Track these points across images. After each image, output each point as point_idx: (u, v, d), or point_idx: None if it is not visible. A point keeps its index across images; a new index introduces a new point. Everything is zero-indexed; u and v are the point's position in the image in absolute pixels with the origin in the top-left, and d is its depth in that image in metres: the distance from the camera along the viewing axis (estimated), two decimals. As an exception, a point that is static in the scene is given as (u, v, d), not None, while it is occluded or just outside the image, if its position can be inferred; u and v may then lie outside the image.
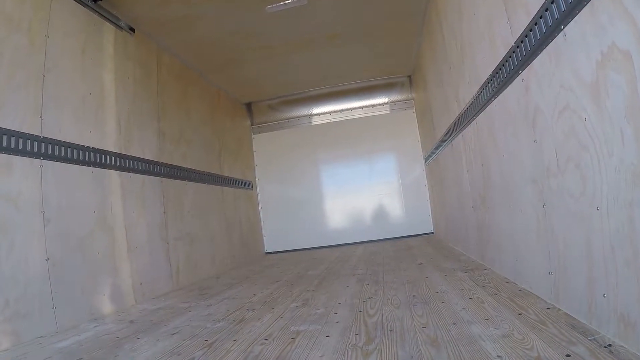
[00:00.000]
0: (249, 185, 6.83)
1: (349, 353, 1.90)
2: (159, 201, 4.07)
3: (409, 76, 7.08)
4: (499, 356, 1.65)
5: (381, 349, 1.90)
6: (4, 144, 2.47)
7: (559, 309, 2.05)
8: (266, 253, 7.11)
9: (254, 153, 7.43)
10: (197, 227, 4.79)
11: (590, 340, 1.65)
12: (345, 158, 7.35)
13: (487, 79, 2.75)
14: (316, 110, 7.45)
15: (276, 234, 7.22)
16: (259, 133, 7.49)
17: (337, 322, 2.39)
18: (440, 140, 4.93)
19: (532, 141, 2.20)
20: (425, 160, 6.62)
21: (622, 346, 1.54)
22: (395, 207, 7.26)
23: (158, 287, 3.84)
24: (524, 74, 2.20)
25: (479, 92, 2.97)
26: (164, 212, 4.12)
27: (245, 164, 6.88)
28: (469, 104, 3.30)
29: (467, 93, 3.34)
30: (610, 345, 1.57)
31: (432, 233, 6.85)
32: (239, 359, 1.97)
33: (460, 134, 3.82)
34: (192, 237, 4.64)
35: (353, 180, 7.27)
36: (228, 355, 2.03)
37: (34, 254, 2.53)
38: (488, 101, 2.83)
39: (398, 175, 7.27)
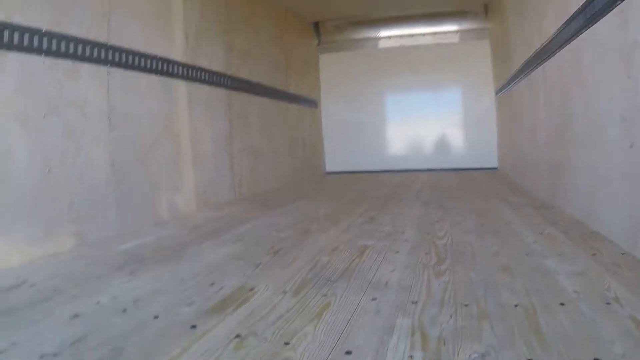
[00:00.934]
0: (313, 104, 6.72)
1: (421, 271, 1.83)
2: (225, 113, 4.02)
3: (485, 4, 6.61)
4: (575, 291, 1.55)
5: (453, 270, 1.82)
6: (71, 50, 2.40)
7: (635, 255, 1.90)
8: (326, 173, 7.09)
9: (320, 73, 7.21)
10: (261, 141, 4.78)
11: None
12: (412, 84, 7.06)
13: (578, 9, 2.48)
14: (384, 33, 7.11)
15: (337, 155, 7.16)
16: (326, 53, 7.23)
17: (406, 241, 2.32)
18: (515, 73, 4.63)
19: (626, 77, 1.98)
20: (496, 93, 6.30)
21: None
22: (459, 139, 7.03)
23: (220, 196, 3.86)
24: (623, 5, 1.96)
25: (567, 24, 2.71)
26: (230, 124, 4.08)
27: (311, 83, 6.73)
28: (554, 36, 3.03)
29: (552, 24, 3.06)
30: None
31: (496, 168, 6.62)
32: (307, 267, 1.94)
33: (541, 67, 3.56)
34: (256, 150, 4.63)
35: (418, 107, 7.02)
36: (295, 262, 2.01)
37: (100, 159, 2.53)
38: (576, 33, 2.57)
39: (465, 107, 6.98)
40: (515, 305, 1.47)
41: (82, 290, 1.66)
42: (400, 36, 7.10)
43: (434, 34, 6.99)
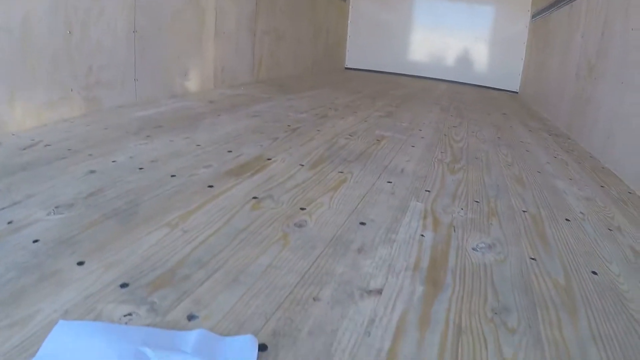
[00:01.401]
0: None
1: (436, 165, 1.87)
2: None
3: None
4: (581, 213, 1.59)
5: (467, 170, 1.86)
6: None
7: (641, 197, 1.94)
8: (346, 68, 6.97)
9: None
10: (286, 25, 4.65)
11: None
12: None
13: None
14: None
15: (359, 51, 6.99)
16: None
17: (423, 138, 2.34)
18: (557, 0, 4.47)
19: None
20: (532, 17, 6.08)
21: None
22: (484, 57, 6.86)
23: (239, 76, 3.81)
24: None
25: None
26: (256, 4, 3.95)
27: None
28: None
29: None
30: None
31: (517, 92, 6.53)
32: (324, 146, 1.96)
33: None
34: (279, 34, 4.52)
35: (449, 17, 6.73)
36: (312, 141, 2.03)
37: (123, 24, 2.42)
38: None
39: (497, 26, 6.73)
40: (524, 211, 1.51)
41: (98, 150, 1.64)
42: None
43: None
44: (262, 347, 0.71)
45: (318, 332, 0.77)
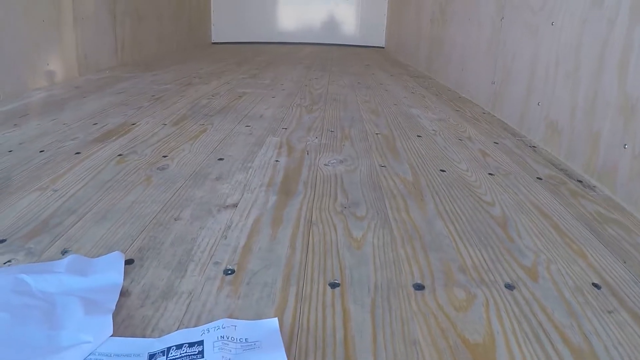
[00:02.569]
0: None
1: (294, 109, 2.01)
2: None
3: None
4: (433, 130, 1.80)
5: (324, 109, 2.02)
6: None
7: (494, 115, 2.20)
8: (213, 43, 6.92)
9: None
10: (147, 4, 4.56)
11: (517, 139, 1.81)
12: None
13: None
14: None
15: (225, 25, 6.95)
16: None
17: (284, 90, 2.48)
18: None
19: None
20: None
21: (545, 149, 1.70)
22: (349, 16, 7.11)
23: (102, 60, 3.72)
24: None
25: None
26: None
27: None
28: None
29: None
30: (534, 146, 1.73)
31: (383, 48, 6.85)
32: (186, 107, 2.03)
33: None
34: (140, 14, 4.44)
35: None
36: (175, 105, 2.09)
37: None
38: None
39: None
40: (377, 134, 1.69)
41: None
42: None
43: None
44: (129, 262, 0.80)
45: (179, 242, 0.88)
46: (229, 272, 0.77)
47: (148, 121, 1.78)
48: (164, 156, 1.36)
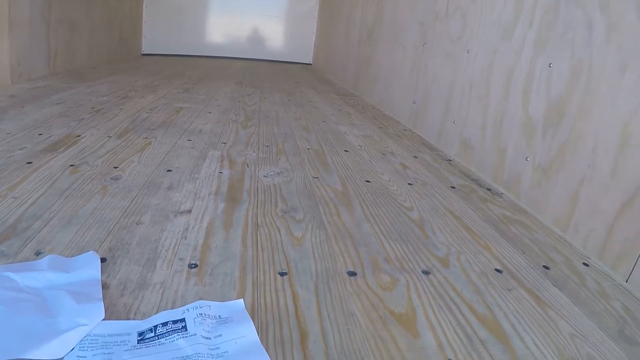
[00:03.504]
0: None
1: (231, 124, 2.14)
2: None
3: None
4: (359, 145, 1.99)
5: (259, 125, 2.17)
6: None
7: (414, 132, 2.42)
8: (143, 54, 6.89)
9: None
10: (80, 13, 4.52)
11: (435, 153, 2.02)
12: None
13: None
14: None
15: (156, 37, 6.92)
16: None
17: (218, 105, 2.60)
18: None
19: None
20: None
21: (459, 162, 1.92)
22: (279, 32, 7.28)
23: (35, 69, 3.68)
24: None
25: None
26: None
27: None
28: None
29: None
30: (450, 160, 1.95)
31: (311, 64, 7.07)
32: (128, 120, 2.12)
33: None
34: (73, 23, 4.41)
35: None
36: (116, 117, 2.16)
37: None
38: None
39: (290, 2, 7.21)
40: (308, 149, 1.85)
41: None
42: None
43: None
44: (102, 260, 0.91)
45: (145, 242, 1.00)
46: (193, 265, 0.91)
47: (93, 133, 1.86)
48: (115, 167, 1.46)
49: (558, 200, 1.34)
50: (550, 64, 1.44)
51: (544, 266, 1.08)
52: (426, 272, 0.98)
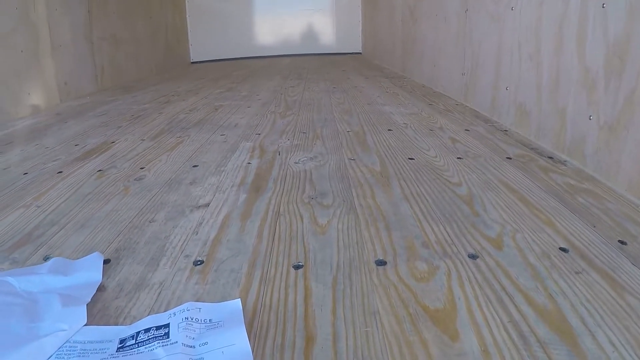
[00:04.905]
0: None
1: (268, 116, 2.05)
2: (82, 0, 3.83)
3: None
4: (405, 123, 1.85)
5: (298, 114, 2.06)
6: None
7: (466, 105, 2.24)
8: (192, 62, 6.96)
9: None
10: (122, 28, 4.59)
11: (489, 125, 1.85)
12: None
13: None
14: None
15: (203, 43, 6.97)
16: None
17: (259, 99, 2.52)
18: None
19: None
20: None
21: (516, 132, 1.74)
22: (326, 25, 7.18)
23: (83, 87, 3.75)
24: None
25: None
26: (89, 11, 3.90)
27: None
28: None
29: None
30: (506, 130, 1.77)
31: (360, 53, 6.92)
32: (164, 123, 2.07)
33: None
34: (117, 39, 4.47)
35: None
36: (154, 121, 2.12)
37: None
38: None
39: None
40: (348, 132, 1.73)
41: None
42: None
43: None
44: (106, 262, 0.84)
45: (153, 241, 0.91)
46: (199, 262, 0.81)
47: (127, 138, 1.81)
48: (142, 168, 1.40)
49: (631, 161, 1.15)
50: (603, 4, 1.26)
51: (619, 241, 0.89)
52: (473, 257, 0.83)
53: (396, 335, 0.62)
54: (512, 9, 1.78)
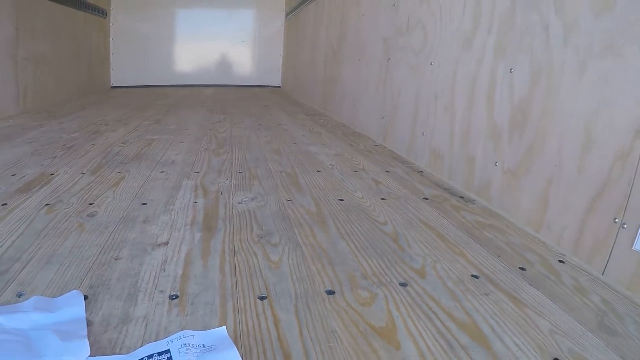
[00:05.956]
0: (103, 13, 6.34)
1: (202, 153, 2.16)
2: (10, 16, 3.74)
3: None
4: (331, 164, 2.03)
5: (231, 152, 2.20)
6: None
7: (385, 146, 2.46)
8: (112, 87, 6.85)
9: None
10: (48, 49, 4.47)
11: (406, 166, 2.06)
12: (205, 0, 7.08)
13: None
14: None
15: (124, 68, 6.89)
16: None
17: (189, 135, 2.62)
18: None
19: (391, 5, 2.48)
20: (287, 15, 6.73)
21: (431, 173, 1.96)
22: (246, 57, 7.34)
23: (5, 108, 3.64)
24: None
25: None
26: (16, 29, 3.81)
27: None
28: None
29: None
30: (422, 171, 1.99)
31: (280, 87, 7.13)
32: (100, 155, 2.12)
33: None
34: (42, 59, 4.36)
35: (209, 25, 7.05)
36: (89, 153, 2.17)
37: None
38: None
39: (256, 27, 7.28)
40: (281, 172, 1.88)
41: None
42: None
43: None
44: (84, 297, 0.93)
45: (125, 277, 1.01)
46: (174, 297, 0.93)
47: (66, 170, 1.85)
48: (90, 204, 1.47)
49: (529, 201, 1.38)
50: (511, 69, 1.50)
51: (520, 267, 1.11)
52: (404, 284, 1.00)
53: (353, 347, 0.78)
54: (430, 64, 2.01)
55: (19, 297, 0.90)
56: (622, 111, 1.09)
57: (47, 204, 1.46)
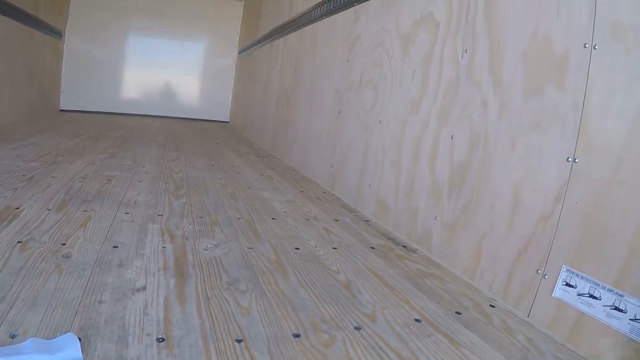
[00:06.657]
0: (58, 34, 6.30)
1: (163, 194, 2.28)
2: None
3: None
4: (284, 212, 2.18)
5: (189, 195, 2.32)
6: None
7: (333, 194, 2.65)
8: (61, 110, 6.77)
9: (70, 1, 6.68)
10: (3, 67, 4.40)
11: (354, 215, 2.25)
12: (159, 30, 7.14)
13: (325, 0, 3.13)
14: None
15: (75, 92, 6.81)
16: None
17: (147, 173, 2.73)
18: (261, 38, 5.24)
19: (345, 61, 2.69)
20: (240, 52, 6.89)
21: (376, 222, 2.15)
22: (197, 90, 7.45)
23: None
24: (358, 7, 2.65)
25: (314, 8, 3.35)
26: None
27: (59, 11, 6.20)
28: (301, 14, 3.68)
29: (303, 4, 3.69)
30: (368, 220, 2.17)
31: (228, 122, 7.24)
32: (63, 190, 2.20)
33: (284, 37, 4.20)
34: None
35: (162, 54, 7.16)
36: (50, 187, 2.24)
37: None
38: (320, 17, 3.24)
39: (207, 60, 7.42)
40: (239, 218, 2.02)
41: None
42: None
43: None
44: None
45: (112, 320, 1.12)
46: (161, 340, 1.05)
47: (31, 205, 1.92)
48: (63, 244, 1.55)
49: (465, 252, 1.58)
50: (452, 135, 1.71)
51: (456, 312, 1.31)
52: (357, 328, 1.17)
53: (321, 387, 0.93)
54: (380, 122, 2.21)
55: (13, 339, 0.98)
56: (545, 180, 1.30)
57: (19, 241, 1.53)
